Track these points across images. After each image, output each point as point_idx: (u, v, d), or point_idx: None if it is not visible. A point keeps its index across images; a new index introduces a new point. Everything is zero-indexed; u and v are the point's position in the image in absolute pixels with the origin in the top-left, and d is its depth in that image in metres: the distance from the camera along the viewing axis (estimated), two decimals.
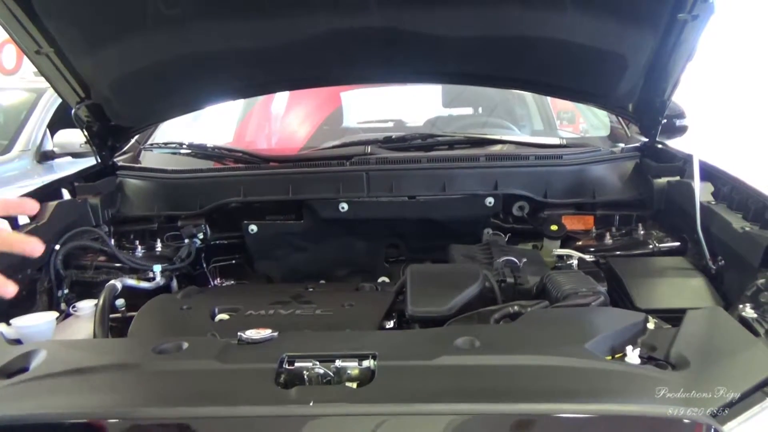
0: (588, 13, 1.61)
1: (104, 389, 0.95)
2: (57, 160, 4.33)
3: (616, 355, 1.03)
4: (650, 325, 1.17)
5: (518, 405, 0.81)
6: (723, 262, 1.48)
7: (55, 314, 1.37)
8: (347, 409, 0.83)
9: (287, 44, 1.70)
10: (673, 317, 1.22)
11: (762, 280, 1.20)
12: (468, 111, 3.07)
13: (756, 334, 1.05)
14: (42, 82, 4.72)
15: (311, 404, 0.83)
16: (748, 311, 1.14)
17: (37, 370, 1.01)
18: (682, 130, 2.21)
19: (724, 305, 1.33)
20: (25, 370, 1.04)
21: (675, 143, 2.13)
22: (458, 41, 1.72)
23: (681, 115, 2.20)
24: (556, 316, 1.20)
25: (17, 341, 1.25)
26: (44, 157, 4.36)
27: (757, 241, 1.31)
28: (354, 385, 0.94)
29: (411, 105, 3.25)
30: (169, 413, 0.83)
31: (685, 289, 1.46)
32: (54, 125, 4.35)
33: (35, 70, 1.76)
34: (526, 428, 0.82)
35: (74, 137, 3.98)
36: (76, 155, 4.03)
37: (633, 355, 1.00)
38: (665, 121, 1.92)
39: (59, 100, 4.49)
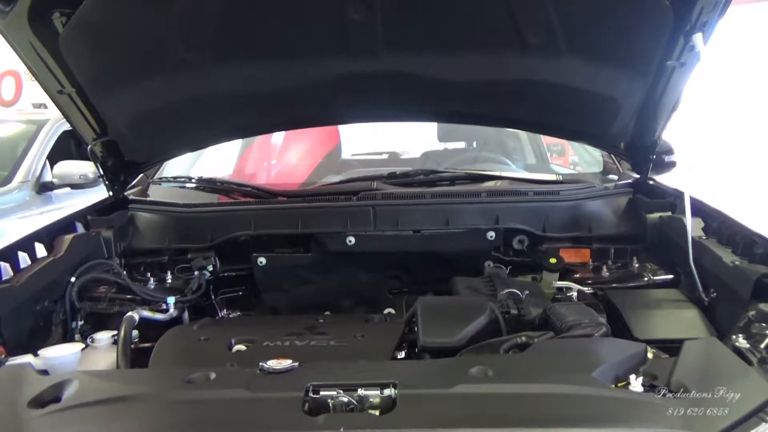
0: (583, 60, 1.72)
1: (139, 418, 1.00)
2: (56, 191, 4.37)
3: (620, 384, 1.10)
4: (649, 355, 1.24)
5: (535, 430, 0.87)
6: (715, 294, 1.56)
7: (80, 345, 1.41)
8: None
9: (300, 86, 1.79)
10: (669, 347, 1.29)
11: (753, 312, 1.28)
12: (462, 145, 3.18)
13: (749, 363, 1.13)
14: (41, 114, 4.81)
15: (342, 430, 0.89)
16: (741, 341, 1.21)
17: (71, 400, 1.06)
18: (671, 165, 2.31)
19: (717, 335, 1.41)
20: (57, 400, 1.08)
21: (666, 177, 2.23)
22: (461, 84, 1.82)
23: (669, 152, 2.31)
24: (562, 347, 1.27)
25: (44, 372, 1.28)
26: (44, 188, 4.40)
27: (747, 275, 1.39)
28: (377, 412, 1.00)
29: (407, 138, 3.37)
30: None
31: (680, 320, 1.53)
32: (53, 157, 4.41)
33: (34, 101, 1.82)
34: None
35: (73, 169, 4.06)
36: (75, 186, 4.10)
37: (636, 384, 1.07)
38: (654, 157, 2.03)
39: (59, 132, 4.57)
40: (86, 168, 3.96)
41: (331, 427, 0.92)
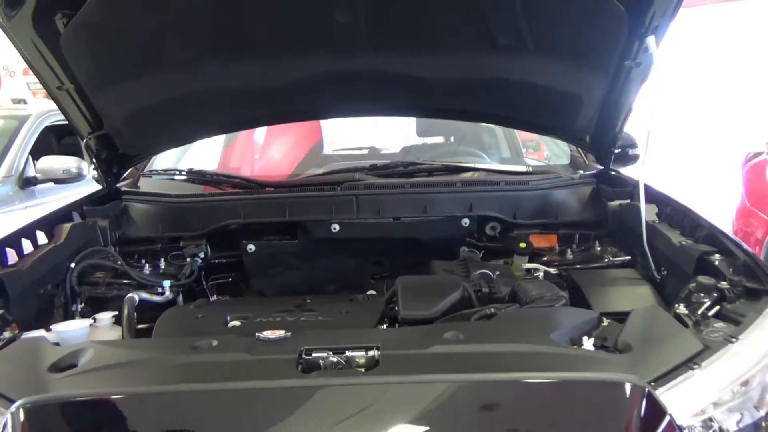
0: (550, 59, 1.88)
1: (152, 377, 1.13)
2: (39, 186, 4.40)
3: (575, 345, 1.26)
4: (605, 324, 1.40)
5: (498, 375, 1.03)
6: (666, 271, 1.73)
7: (89, 321, 1.53)
8: (361, 380, 1.04)
9: (288, 83, 1.92)
10: (623, 318, 1.45)
11: (693, 284, 1.45)
12: (440, 140, 3.33)
13: (686, 325, 1.30)
14: (22, 110, 4.82)
15: (332, 380, 1.03)
16: (681, 309, 1.38)
17: (87, 365, 1.18)
18: (635, 158, 2.48)
19: (665, 307, 1.58)
20: (74, 366, 1.20)
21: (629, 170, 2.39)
22: (438, 82, 1.97)
23: (633, 145, 2.48)
24: (525, 315, 1.43)
25: (56, 344, 1.40)
26: (27, 183, 4.43)
27: (690, 253, 1.57)
28: (362, 370, 1.14)
29: (388, 134, 3.50)
30: (217, 387, 1.01)
31: (633, 295, 1.70)
32: (34, 152, 4.44)
33: (13, 97, 1.91)
34: (505, 392, 1.04)
35: (56, 164, 4.11)
36: (58, 181, 4.16)
37: (588, 344, 1.23)
38: (619, 150, 2.20)
39: (41, 127, 4.61)
40: (69, 163, 4.03)
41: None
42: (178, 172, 2.45)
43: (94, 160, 2.13)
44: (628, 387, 1.00)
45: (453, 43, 1.85)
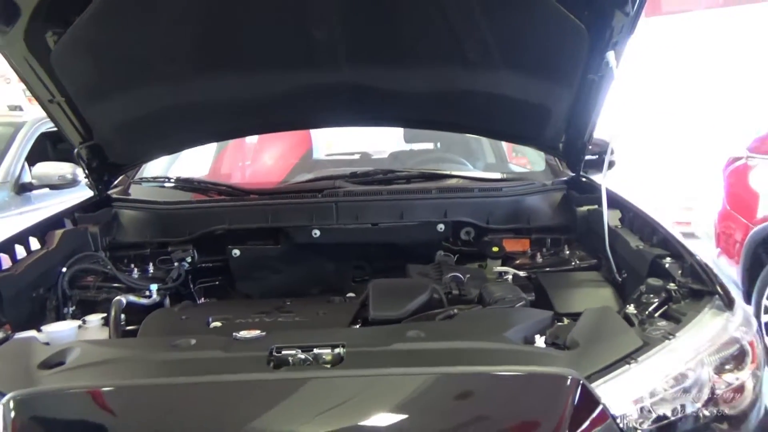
0: (517, 73, 1.98)
1: (134, 372, 1.22)
2: (35, 192, 4.48)
3: (528, 343, 1.36)
4: (560, 324, 1.50)
5: (449, 368, 1.13)
6: (626, 274, 1.83)
7: (78, 322, 1.62)
8: (324, 374, 1.13)
9: (271, 95, 2.02)
10: None
11: (643, 286, 1.55)
12: (427, 146, 3.43)
13: (632, 324, 1.39)
14: (18, 117, 4.91)
15: (299, 374, 1.13)
16: (631, 309, 1.48)
17: (75, 362, 1.27)
18: (611, 164, 2.57)
19: (623, 308, 1.67)
20: (62, 363, 1.29)
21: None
22: (413, 94, 2.07)
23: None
24: (484, 315, 1.53)
25: (46, 344, 1.49)
26: (22, 188, 4.50)
27: (644, 256, 1.67)
28: (328, 366, 1.23)
29: (376, 140, 3.60)
30: (192, 380, 1.11)
31: (595, 297, 1.79)
32: (29, 158, 4.53)
33: (9, 104, 1.98)
34: (456, 384, 1.13)
35: (52, 170, 4.19)
36: (53, 187, 4.24)
37: (540, 342, 1.33)
38: (596, 157, 2.29)
39: (37, 134, 4.70)
40: (65, 169, 4.11)
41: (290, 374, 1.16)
42: (167, 180, 2.54)
43: (85, 168, 2.22)
44: (564, 379, 1.10)
45: (426, 57, 1.95)
